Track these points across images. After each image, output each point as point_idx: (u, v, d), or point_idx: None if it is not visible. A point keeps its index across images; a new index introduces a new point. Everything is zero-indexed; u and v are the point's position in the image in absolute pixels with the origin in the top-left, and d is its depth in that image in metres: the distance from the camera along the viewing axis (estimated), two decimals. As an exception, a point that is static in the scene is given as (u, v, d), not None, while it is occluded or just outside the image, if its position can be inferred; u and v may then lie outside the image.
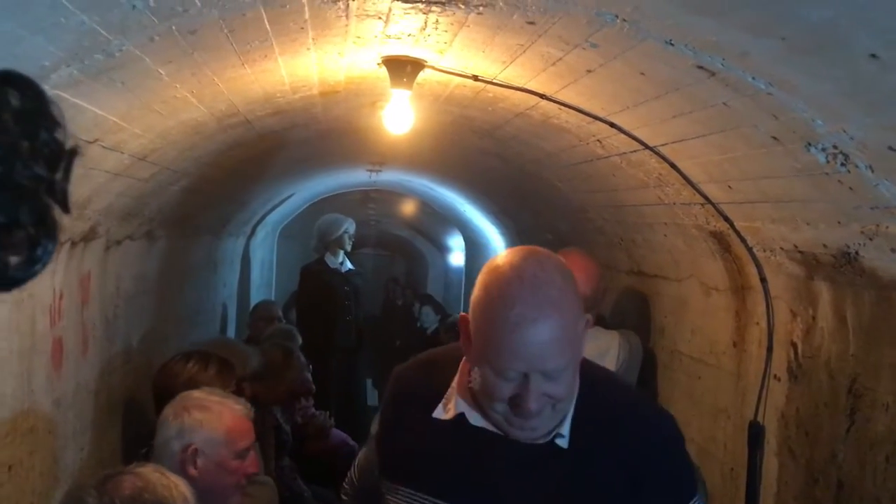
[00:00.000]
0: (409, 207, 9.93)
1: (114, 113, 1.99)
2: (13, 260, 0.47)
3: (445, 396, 1.60)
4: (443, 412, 1.58)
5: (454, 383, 1.60)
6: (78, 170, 2.08)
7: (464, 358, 1.60)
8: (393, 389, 1.75)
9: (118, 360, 3.32)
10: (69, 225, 2.41)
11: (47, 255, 0.49)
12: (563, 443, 1.50)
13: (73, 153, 0.50)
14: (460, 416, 1.55)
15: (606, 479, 1.50)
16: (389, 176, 6.71)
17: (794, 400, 2.29)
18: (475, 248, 9.08)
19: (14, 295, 2.12)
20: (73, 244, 2.55)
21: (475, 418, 1.54)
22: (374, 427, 1.79)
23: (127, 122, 2.13)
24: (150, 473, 1.81)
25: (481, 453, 1.53)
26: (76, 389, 2.75)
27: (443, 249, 12.45)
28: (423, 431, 1.60)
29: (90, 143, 2.03)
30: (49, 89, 1.50)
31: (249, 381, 3.38)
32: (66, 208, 0.50)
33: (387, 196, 9.00)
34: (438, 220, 10.07)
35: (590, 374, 1.57)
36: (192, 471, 2.23)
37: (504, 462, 1.51)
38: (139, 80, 1.89)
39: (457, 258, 11.40)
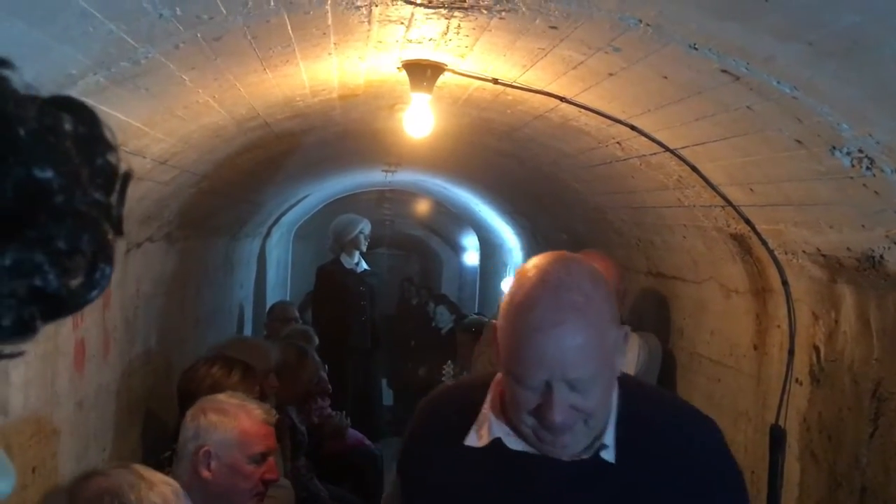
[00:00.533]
0: (423, 207, 9.94)
1: (137, 118, 2.01)
2: (73, 283, 0.48)
3: (477, 422, 1.49)
4: (476, 439, 1.47)
5: (486, 406, 1.50)
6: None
7: (497, 376, 1.51)
8: (417, 424, 1.62)
9: (138, 361, 3.34)
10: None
11: (105, 280, 0.50)
12: (608, 456, 1.41)
13: (128, 176, 0.51)
14: (496, 441, 1.45)
15: (658, 492, 1.42)
16: (405, 176, 6.72)
17: (817, 404, 2.28)
18: (490, 248, 9.08)
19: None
20: (95, 247, 2.58)
21: (513, 441, 1.44)
22: (394, 476, 1.66)
23: (149, 127, 2.14)
24: (123, 474, 1.76)
25: (523, 478, 1.43)
26: (98, 391, 2.77)
27: (457, 249, 12.45)
28: (456, 464, 1.48)
29: (113, 148, 2.05)
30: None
31: (275, 373, 3.42)
32: (120, 231, 0.51)
33: (402, 196, 9.01)
34: (453, 219, 10.07)
35: (628, 383, 1.50)
36: (205, 473, 2.22)
37: (549, 485, 1.42)
38: (163, 87, 1.90)
39: (471, 258, 11.40)
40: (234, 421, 2.27)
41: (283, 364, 3.98)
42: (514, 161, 4.06)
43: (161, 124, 2.18)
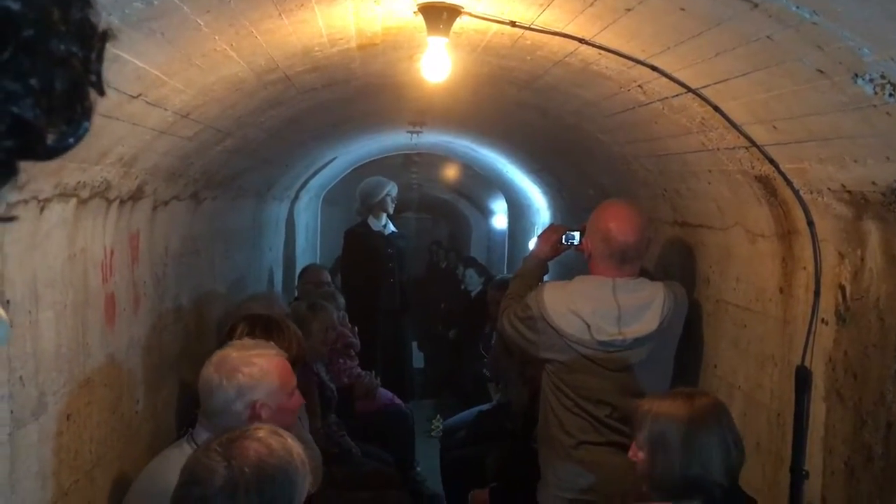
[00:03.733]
0: (451, 171, 9.93)
1: (155, 66, 2.02)
2: (51, 133, 0.49)
3: None
4: None
5: None
6: (124, 125, 2.07)
7: None
8: None
9: (169, 317, 3.40)
10: (117, 182, 2.46)
11: (83, 131, 0.50)
12: None
13: (106, 35, 0.51)
14: None
15: None
16: (431, 138, 6.70)
17: (842, 343, 2.26)
18: (518, 210, 9.06)
19: (66, 249, 2.19)
20: (122, 202, 2.61)
21: None
22: None
23: (168, 76, 2.15)
24: (269, 437, 1.87)
25: None
26: (129, 344, 2.83)
27: (486, 212, 12.44)
28: None
29: (134, 97, 2.07)
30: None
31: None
32: (100, 90, 0.51)
33: (429, 159, 9.00)
34: (481, 182, 10.05)
35: None
36: None
37: None
38: (178, 31, 1.91)
39: (500, 221, 11.38)
40: (270, 369, 2.40)
41: (296, 321, 4.04)
42: (536, 113, 4.03)
43: (180, 73, 2.19)
